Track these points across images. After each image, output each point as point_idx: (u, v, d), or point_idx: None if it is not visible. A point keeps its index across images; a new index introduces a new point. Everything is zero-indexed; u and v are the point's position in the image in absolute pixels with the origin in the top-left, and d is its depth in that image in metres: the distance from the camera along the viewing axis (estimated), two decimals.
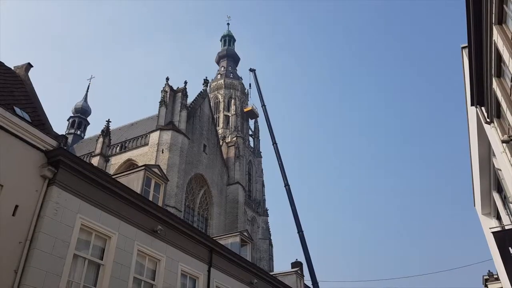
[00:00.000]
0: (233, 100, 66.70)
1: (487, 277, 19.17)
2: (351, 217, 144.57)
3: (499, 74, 9.51)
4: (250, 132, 69.20)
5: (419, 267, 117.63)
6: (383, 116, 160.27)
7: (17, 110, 11.57)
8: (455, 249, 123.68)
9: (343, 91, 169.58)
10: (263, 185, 63.06)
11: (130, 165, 39.89)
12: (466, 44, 10.79)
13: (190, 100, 45.93)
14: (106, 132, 44.78)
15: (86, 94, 67.50)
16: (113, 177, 14.20)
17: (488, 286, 18.86)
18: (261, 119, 66.62)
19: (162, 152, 39.22)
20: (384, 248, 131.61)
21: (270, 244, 57.55)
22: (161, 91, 43.56)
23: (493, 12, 8.62)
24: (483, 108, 11.18)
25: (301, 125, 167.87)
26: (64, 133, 39.34)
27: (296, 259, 31.75)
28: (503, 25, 8.47)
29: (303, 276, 26.90)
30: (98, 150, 43.35)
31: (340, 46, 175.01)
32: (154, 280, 12.80)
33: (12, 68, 14.93)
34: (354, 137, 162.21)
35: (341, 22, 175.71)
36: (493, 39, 8.97)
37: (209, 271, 15.36)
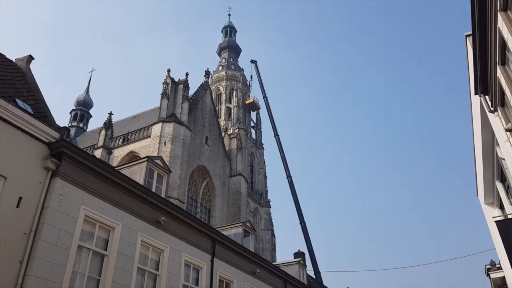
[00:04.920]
0: (234, 92, 66.54)
1: (490, 266, 19.20)
2: (354, 208, 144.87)
3: (504, 62, 9.40)
4: (252, 124, 69.11)
5: (421, 257, 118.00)
6: (384, 104, 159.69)
7: (19, 102, 11.53)
8: (458, 239, 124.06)
9: (344, 82, 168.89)
10: (265, 177, 63.15)
11: (132, 157, 39.95)
12: (470, 32, 10.66)
13: (191, 92, 45.83)
14: (108, 125, 44.76)
15: (88, 87, 67.48)
16: (116, 168, 14.22)
17: (491, 275, 18.89)
18: (263, 111, 66.58)
19: (165, 144, 39.24)
20: (386, 238, 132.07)
21: (273, 235, 57.82)
22: (163, 83, 43.45)
23: None
24: (487, 97, 11.08)
25: (303, 117, 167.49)
26: (66, 126, 39.40)
27: (299, 250, 31.97)
28: (508, 11, 8.35)
29: (306, 266, 27.06)
30: (100, 143, 43.40)
31: (343, 37, 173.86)
32: (158, 270, 12.87)
33: (14, 61, 14.89)
34: (357, 127, 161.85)
35: (343, 13, 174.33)
36: (498, 26, 8.85)
37: (212, 261, 15.44)
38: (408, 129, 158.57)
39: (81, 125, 61.60)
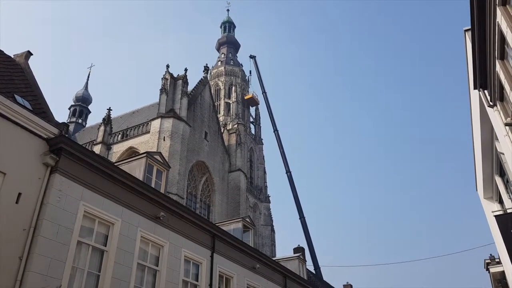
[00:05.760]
0: (233, 87, 66.44)
1: (489, 260, 19.29)
2: (353, 203, 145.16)
3: (503, 56, 9.39)
4: (251, 119, 69.09)
5: (420, 251, 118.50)
6: (384, 100, 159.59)
7: (18, 98, 11.50)
8: (457, 233, 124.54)
9: (344, 77, 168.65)
10: (264, 172, 63.22)
11: (132, 153, 39.91)
12: (469, 27, 10.64)
13: (190, 87, 45.74)
14: (107, 120, 44.72)
15: (87, 83, 67.38)
16: (115, 164, 14.21)
17: (490, 269, 18.99)
18: (262, 106, 66.55)
19: (164, 140, 39.22)
20: (386, 232, 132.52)
21: (272, 230, 58.01)
22: (162, 78, 43.38)
23: None
24: (486, 91, 11.07)
25: (302, 117, 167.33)
26: (65, 122, 39.29)
27: (298, 245, 32.05)
28: (507, 6, 8.32)
29: (305, 261, 27.12)
30: (99, 138, 43.37)
31: (341, 33, 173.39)
32: (157, 266, 12.90)
33: (12, 56, 14.83)
34: (357, 127, 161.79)
35: (343, 12, 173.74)
36: (497, 20, 8.83)
37: (212, 256, 15.47)
38: (408, 129, 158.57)
39: (80, 121, 61.55)
